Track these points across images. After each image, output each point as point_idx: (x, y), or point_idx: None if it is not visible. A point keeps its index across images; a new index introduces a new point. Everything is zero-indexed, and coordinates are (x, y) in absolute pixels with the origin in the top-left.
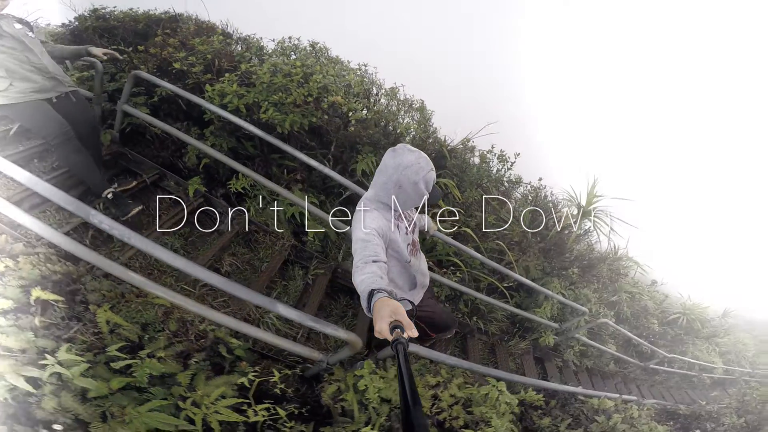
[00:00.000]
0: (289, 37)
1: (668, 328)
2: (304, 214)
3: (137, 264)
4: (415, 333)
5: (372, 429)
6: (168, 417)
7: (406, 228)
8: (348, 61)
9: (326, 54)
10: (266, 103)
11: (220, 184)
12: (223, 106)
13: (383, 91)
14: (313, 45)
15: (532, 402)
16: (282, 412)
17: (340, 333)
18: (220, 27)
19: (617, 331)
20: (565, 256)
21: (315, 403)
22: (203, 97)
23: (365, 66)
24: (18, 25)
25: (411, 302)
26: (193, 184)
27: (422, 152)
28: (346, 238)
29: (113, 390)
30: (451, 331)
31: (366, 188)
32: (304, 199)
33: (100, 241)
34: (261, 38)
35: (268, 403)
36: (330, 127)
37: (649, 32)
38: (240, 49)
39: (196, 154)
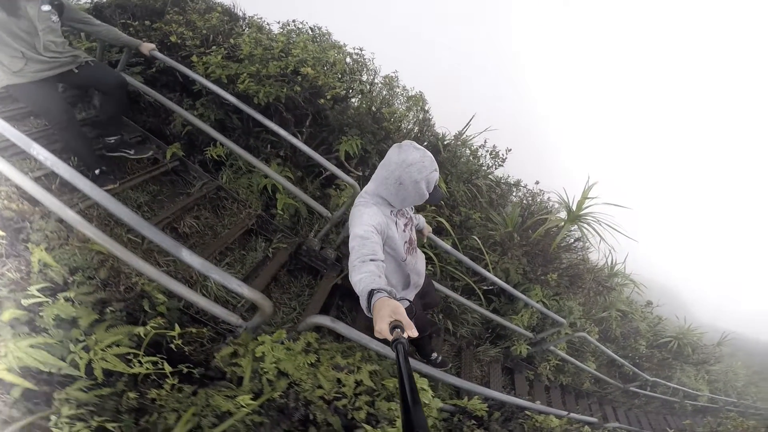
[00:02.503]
0: (293, 20)
1: (656, 351)
2: (279, 189)
3: (95, 213)
4: (415, 333)
5: (254, 400)
6: (48, 356)
7: (404, 225)
8: (344, 44)
9: (328, 39)
10: (244, 74)
11: (199, 151)
12: (207, 76)
13: (380, 78)
14: (312, 28)
15: (473, 411)
16: (167, 368)
17: (245, 290)
18: (227, 7)
19: (599, 348)
20: (553, 264)
21: (214, 366)
22: (191, 68)
23: (361, 50)
24: (46, 7)
25: (410, 301)
26: (172, 149)
27: (428, 152)
28: (319, 217)
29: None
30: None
31: (347, 171)
32: (281, 174)
33: (68, 188)
34: (262, 18)
35: (159, 357)
36: (302, 100)
37: (653, 37)
38: (243, 28)
39: (181, 122)
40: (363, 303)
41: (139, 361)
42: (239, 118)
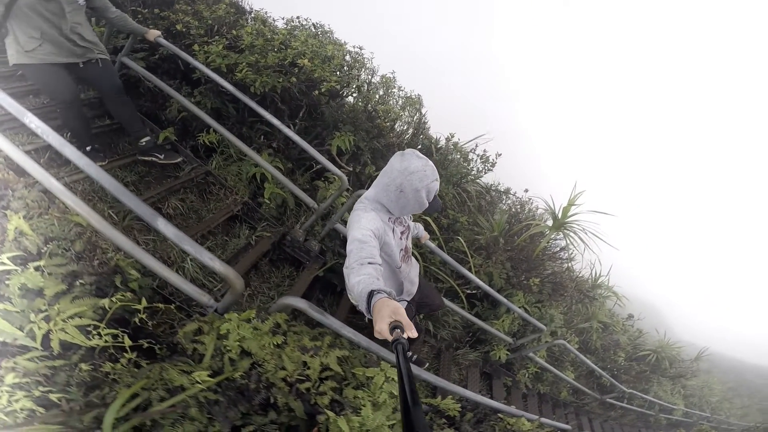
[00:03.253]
0: (297, 17)
1: (635, 363)
2: (268, 179)
3: (80, 188)
4: (415, 333)
5: (211, 377)
6: (6, 325)
7: (401, 233)
8: (345, 42)
9: (330, 37)
10: (243, 63)
11: (192, 137)
12: (207, 65)
13: (378, 77)
14: (315, 25)
15: (445, 410)
16: (127, 341)
17: (216, 264)
18: (235, 0)
19: (578, 358)
20: (537, 270)
21: (176, 343)
22: (194, 57)
23: (361, 49)
24: None
25: (410, 303)
26: (165, 133)
27: (430, 161)
28: (306, 210)
29: None
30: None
31: (338, 166)
32: (271, 164)
33: (56, 163)
34: (266, 12)
35: (121, 330)
36: (297, 92)
37: (645, 45)
38: (249, 21)
39: (177, 108)
40: (362, 305)
41: (99, 334)
42: (235, 107)
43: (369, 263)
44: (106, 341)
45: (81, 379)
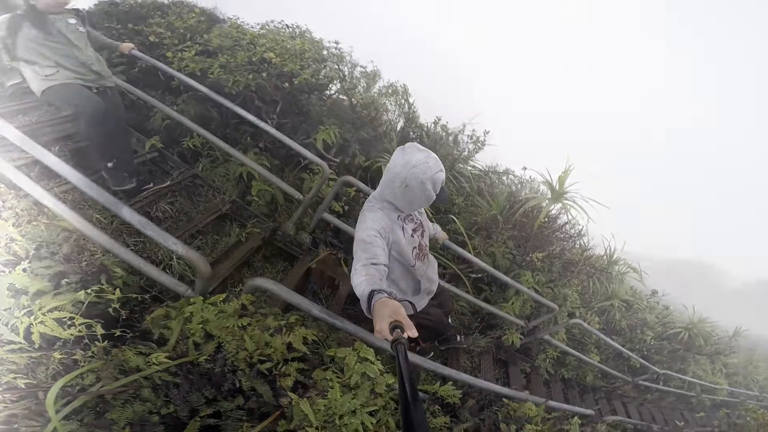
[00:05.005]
0: (272, 20)
1: (666, 342)
2: (255, 177)
3: (70, 198)
4: (414, 333)
5: (171, 359)
6: None
7: (412, 231)
8: (320, 38)
9: (307, 36)
10: (215, 65)
11: (177, 142)
12: (181, 70)
13: (359, 70)
14: (289, 26)
15: (444, 396)
16: (99, 330)
17: (179, 248)
18: (208, 10)
19: (600, 339)
20: (542, 247)
21: (144, 328)
22: (169, 65)
23: (337, 43)
24: (73, 20)
25: (411, 303)
26: (151, 141)
27: (432, 152)
28: (299, 205)
29: None
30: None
31: (323, 158)
32: (257, 162)
33: (45, 176)
34: (238, 18)
35: (96, 321)
36: (270, 87)
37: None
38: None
39: (161, 116)
40: (363, 305)
41: (75, 325)
42: (218, 111)
43: (372, 264)
44: (80, 331)
45: (54, 368)
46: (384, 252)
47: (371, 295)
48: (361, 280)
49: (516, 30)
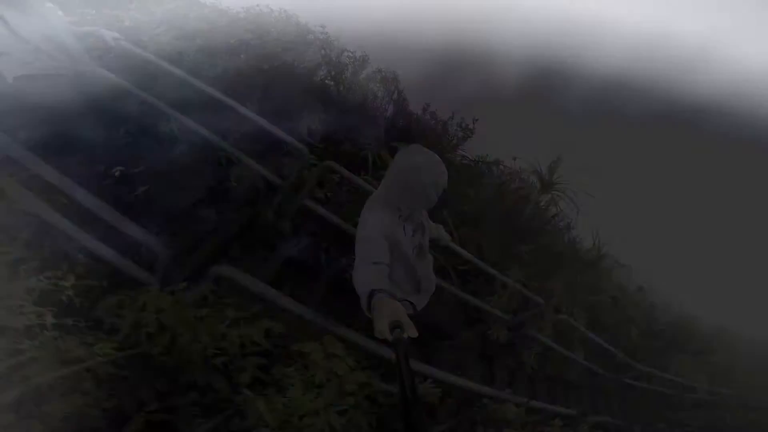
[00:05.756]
0: (258, 5)
1: (650, 339)
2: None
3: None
4: (415, 333)
5: (118, 350)
6: None
7: (413, 231)
8: (306, 23)
9: (294, 20)
10: (192, 50)
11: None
12: (157, 53)
13: (347, 55)
14: (273, 9)
15: (423, 395)
16: (50, 320)
17: (137, 233)
18: None
19: (586, 335)
20: (530, 238)
21: (95, 317)
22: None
23: (323, 27)
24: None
25: (411, 303)
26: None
27: (435, 154)
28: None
29: None
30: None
31: (308, 145)
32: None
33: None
34: (225, 6)
35: (48, 309)
36: (250, 70)
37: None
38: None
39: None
40: (363, 303)
41: (23, 313)
42: (197, 96)
43: (373, 263)
44: (30, 319)
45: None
46: (385, 252)
47: (372, 294)
48: (362, 279)
49: None
